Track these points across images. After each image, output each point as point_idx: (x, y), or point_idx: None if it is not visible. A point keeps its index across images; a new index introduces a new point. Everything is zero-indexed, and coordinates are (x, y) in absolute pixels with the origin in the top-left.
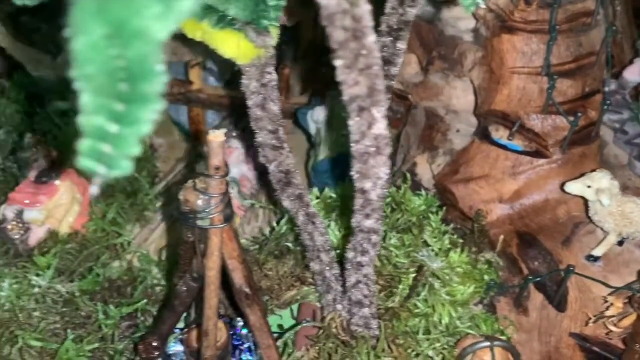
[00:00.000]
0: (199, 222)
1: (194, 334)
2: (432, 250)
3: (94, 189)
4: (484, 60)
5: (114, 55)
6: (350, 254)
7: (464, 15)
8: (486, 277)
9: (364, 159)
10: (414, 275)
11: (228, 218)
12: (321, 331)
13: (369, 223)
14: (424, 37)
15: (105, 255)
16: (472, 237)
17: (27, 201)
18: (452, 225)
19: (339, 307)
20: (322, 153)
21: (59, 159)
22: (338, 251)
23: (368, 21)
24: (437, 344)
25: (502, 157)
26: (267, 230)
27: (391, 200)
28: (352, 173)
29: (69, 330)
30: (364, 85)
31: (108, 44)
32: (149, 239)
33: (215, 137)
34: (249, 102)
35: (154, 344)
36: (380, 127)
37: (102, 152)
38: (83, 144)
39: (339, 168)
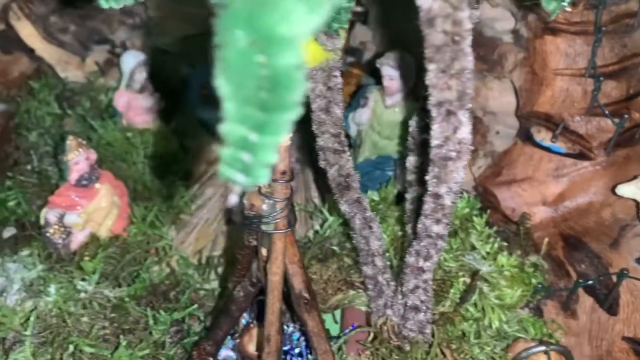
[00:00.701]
0: (264, 227)
1: (246, 339)
2: (479, 253)
3: (233, 198)
4: (526, 62)
5: (260, 64)
6: (411, 259)
7: (501, 16)
8: (533, 280)
9: (443, 164)
10: (463, 279)
11: (291, 223)
12: (372, 336)
13: (437, 229)
14: None
15: (150, 260)
16: (517, 240)
17: (67, 205)
18: (494, 228)
19: (389, 312)
20: (362, 155)
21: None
22: (388, 254)
23: (468, 25)
24: (488, 348)
25: (546, 159)
26: (306, 233)
27: None
28: (427, 177)
29: (121, 337)
30: (455, 90)
31: (254, 51)
32: (185, 241)
33: None
34: (313, 106)
35: (209, 349)
36: (465, 131)
37: (242, 161)
38: (225, 153)
39: (378, 170)
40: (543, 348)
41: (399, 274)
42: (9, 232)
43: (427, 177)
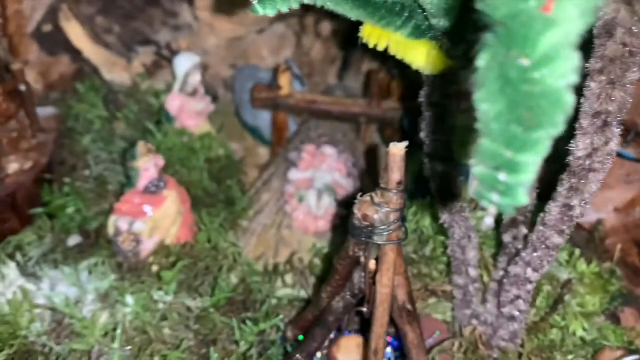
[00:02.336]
0: (376, 238)
1: (334, 349)
2: (558, 261)
3: (489, 221)
4: None
5: (535, 81)
6: (517, 269)
7: None
8: (611, 287)
9: (584, 175)
10: (548, 288)
11: (404, 234)
12: (457, 345)
13: (558, 240)
14: None
15: (224, 268)
16: (591, 247)
17: (134, 212)
18: None
19: (474, 321)
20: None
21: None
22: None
23: None
24: (571, 356)
25: (617, 165)
26: None
27: None
28: (559, 189)
29: (212, 349)
30: (617, 101)
31: (531, 70)
32: (245, 248)
33: (398, 150)
34: (427, 114)
35: None
36: (615, 143)
37: (499, 181)
38: (481, 172)
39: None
40: (637, 357)
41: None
42: (74, 240)
43: (559, 189)
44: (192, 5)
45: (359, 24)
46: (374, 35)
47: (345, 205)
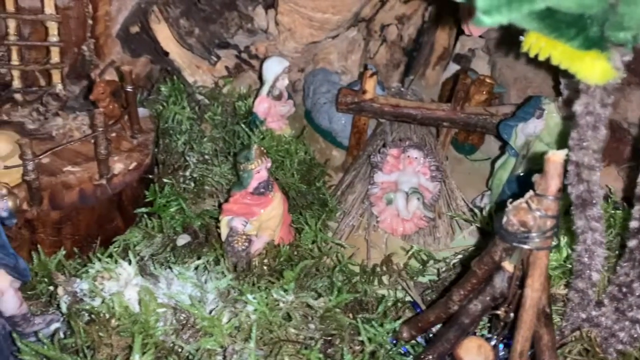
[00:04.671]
0: (530, 244)
1: (460, 350)
2: None
3: None
4: None
5: None
6: None
7: None
8: None
9: None
10: None
11: (554, 240)
12: (578, 347)
13: None
14: None
15: (337, 269)
16: None
17: (242, 212)
18: None
19: (586, 324)
20: (523, 166)
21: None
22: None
23: None
24: None
25: None
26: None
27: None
28: None
29: (344, 348)
30: None
31: None
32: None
33: (557, 157)
34: (581, 121)
35: None
36: None
37: None
38: None
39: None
40: None
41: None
42: (183, 239)
43: None
44: (267, 10)
45: (424, 29)
46: (537, 44)
47: (430, 207)
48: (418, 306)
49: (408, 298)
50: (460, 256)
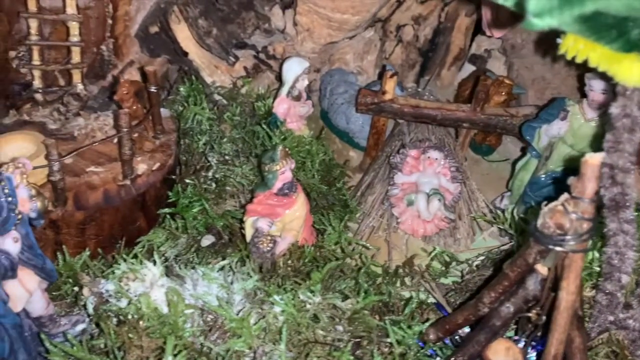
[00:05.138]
0: (566, 246)
1: (489, 352)
2: None
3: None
4: None
5: None
6: None
7: None
8: None
9: None
10: None
11: (589, 242)
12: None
13: None
14: None
15: (362, 270)
16: None
17: (266, 213)
18: None
19: (613, 327)
20: (547, 167)
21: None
22: None
23: None
24: None
25: None
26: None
27: None
28: None
29: (374, 350)
30: None
31: None
32: (356, 249)
33: (595, 160)
34: (617, 124)
35: None
36: None
37: None
38: None
39: (560, 184)
40: None
41: None
42: (207, 240)
43: None
44: (285, 10)
45: (440, 30)
46: (575, 47)
47: (451, 208)
48: (443, 308)
49: (431, 299)
50: (482, 257)
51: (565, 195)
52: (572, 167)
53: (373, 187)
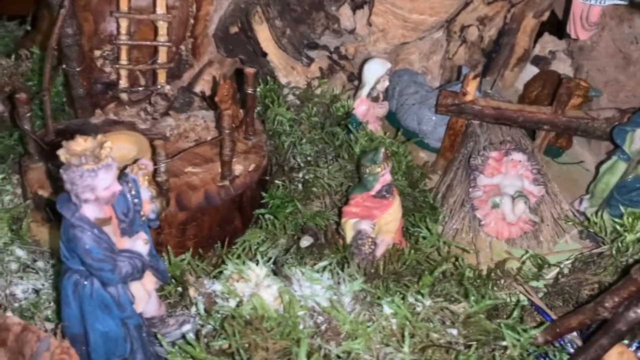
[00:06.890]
0: None
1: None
2: None
3: None
4: None
5: None
6: None
7: None
8: None
9: None
10: None
11: None
12: None
13: None
14: None
15: (466, 273)
16: None
17: (362, 215)
18: None
19: None
20: (636, 171)
21: None
22: None
23: None
24: None
25: None
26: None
27: None
28: None
29: (496, 354)
30: None
31: None
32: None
33: None
34: None
35: None
36: None
37: None
38: None
39: None
40: None
41: None
42: (307, 241)
43: None
44: (356, 11)
45: (505, 31)
46: None
47: (534, 211)
48: (544, 312)
49: (525, 302)
50: (571, 260)
51: None
52: None
53: (452, 189)
